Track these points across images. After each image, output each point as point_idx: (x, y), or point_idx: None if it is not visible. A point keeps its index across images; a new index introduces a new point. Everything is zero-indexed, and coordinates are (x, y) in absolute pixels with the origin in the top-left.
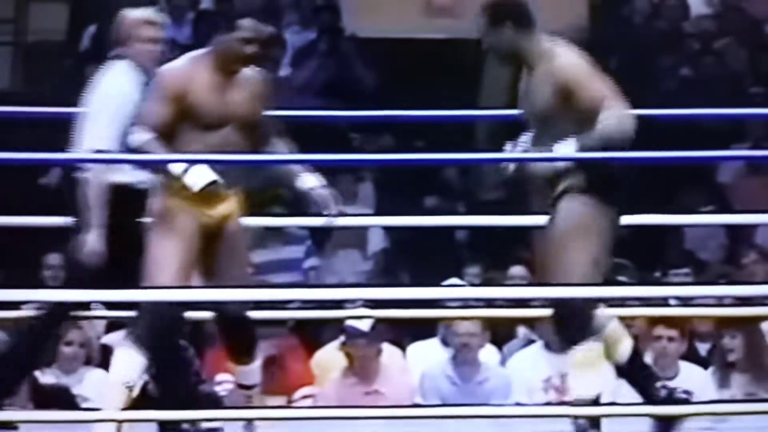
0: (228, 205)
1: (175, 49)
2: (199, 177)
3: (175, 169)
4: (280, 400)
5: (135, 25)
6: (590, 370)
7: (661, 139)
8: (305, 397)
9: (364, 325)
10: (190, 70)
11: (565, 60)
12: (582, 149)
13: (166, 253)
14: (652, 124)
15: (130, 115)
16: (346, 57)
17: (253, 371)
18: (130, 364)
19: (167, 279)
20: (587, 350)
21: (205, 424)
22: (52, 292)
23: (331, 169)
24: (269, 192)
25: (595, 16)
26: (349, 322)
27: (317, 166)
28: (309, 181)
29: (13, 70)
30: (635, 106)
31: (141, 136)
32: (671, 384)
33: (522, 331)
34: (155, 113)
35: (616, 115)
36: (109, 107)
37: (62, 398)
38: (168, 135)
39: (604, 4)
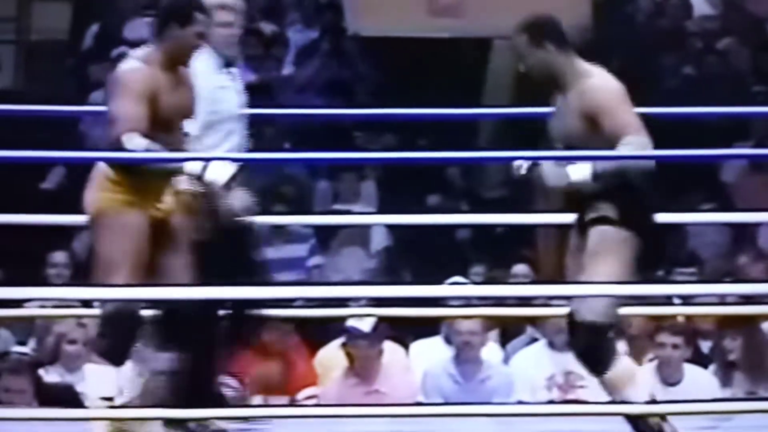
0: (171, 199)
1: None
2: (220, 171)
3: (194, 167)
4: (284, 400)
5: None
6: (627, 385)
7: (664, 138)
8: (309, 397)
9: (366, 326)
10: (149, 67)
11: (596, 84)
12: (595, 174)
13: (121, 250)
14: (655, 123)
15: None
16: (348, 56)
17: None
18: (104, 378)
19: (123, 277)
20: (616, 372)
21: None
22: (56, 290)
23: (334, 168)
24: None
25: (598, 15)
26: (350, 323)
27: (320, 164)
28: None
29: (15, 68)
30: (638, 105)
31: (139, 141)
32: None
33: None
34: (136, 114)
35: (636, 145)
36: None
37: (66, 396)
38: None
39: (608, 4)
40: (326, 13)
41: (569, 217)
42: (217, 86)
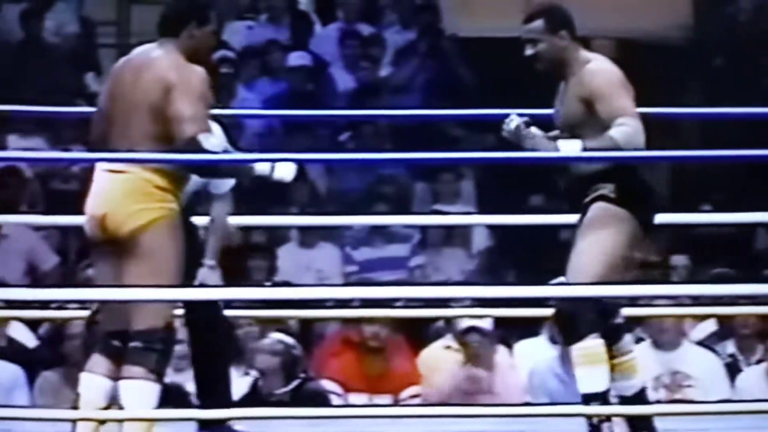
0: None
1: (276, 50)
2: (287, 170)
3: (262, 167)
4: (387, 399)
5: None
6: (597, 366)
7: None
8: (413, 396)
9: (486, 324)
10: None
11: (593, 69)
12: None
13: (177, 261)
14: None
15: None
16: (446, 57)
17: None
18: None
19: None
20: (591, 346)
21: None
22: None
23: (433, 168)
24: None
25: (699, 15)
26: (469, 322)
27: (420, 165)
28: None
29: None
30: (739, 104)
31: (216, 142)
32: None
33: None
34: (205, 114)
35: (626, 131)
36: None
37: (176, 396)
38: None
39: (709, 3)
40: (424, 14)
41: (670, 218)
42: None
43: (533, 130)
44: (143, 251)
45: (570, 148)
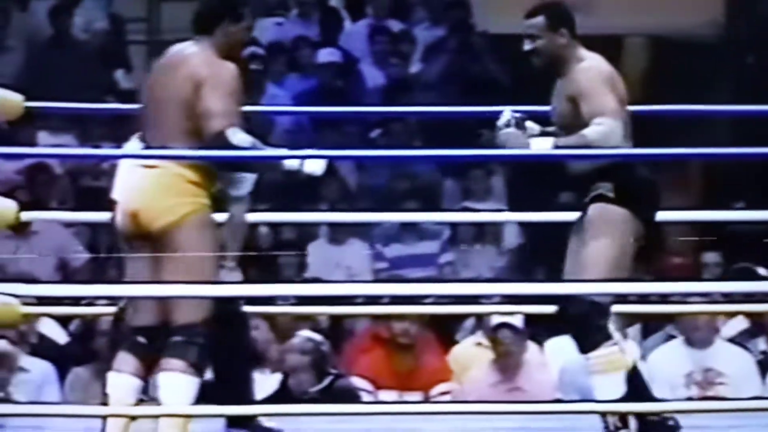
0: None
1: (306, 46)
2: (317, 165)
3: (292, 162)
4: (417, 396)
5: None
6: (615, 373)
7: None
8: (443, 393)
9: (517, 322)
10: None
11: (581, 68)
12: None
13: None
14: None
15: None
16: (477, 53)
17: None
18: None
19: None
20: (609, 353)
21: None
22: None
23: (463, 165)
24: None
25: (731, 13)
26: (500, 319)
27: (450, 161)
28: None
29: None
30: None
31: (244, 136)
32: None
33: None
34: (235, 109)
35: (600, 130)
36: None
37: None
38: None
39: (741, 1)
40: (454, 10)
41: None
42: None
43: (528, 124)
44: (176, 246)
45: (541, 145)
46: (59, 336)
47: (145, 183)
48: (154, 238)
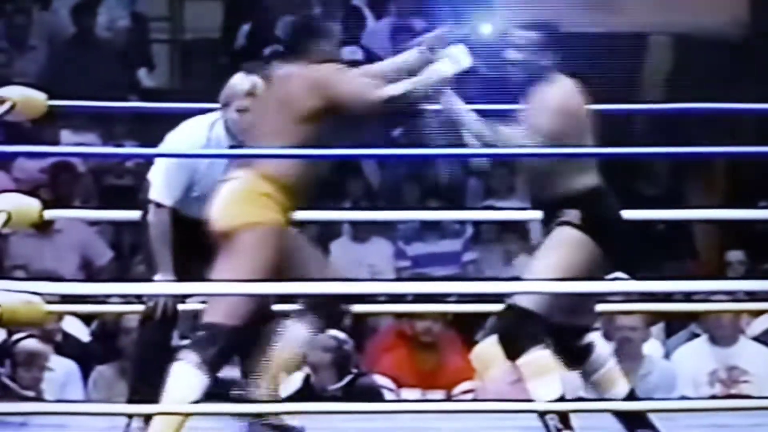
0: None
1: None
2: (460, 56)
3: (445, 68)
4: (439, 395)
5: (234, 94)
6: (546, 376)
7: None
8: (466, 392)
9: None
10: None
11: None
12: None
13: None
14: None
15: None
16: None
17: None
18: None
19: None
20: (537, 358)
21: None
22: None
23: (487, 163)
24: None
25: (756, 11)
26: None
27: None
28: None
29: (170, 67)
30: None
31: (394, 85)
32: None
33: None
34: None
35: (506, 130)
36: (170, 163)
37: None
38: None
39: None
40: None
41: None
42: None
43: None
44: (230, 250)
45: (441, 68)
46: (83, 334)
47: (223, 193)
48: (218, 240)
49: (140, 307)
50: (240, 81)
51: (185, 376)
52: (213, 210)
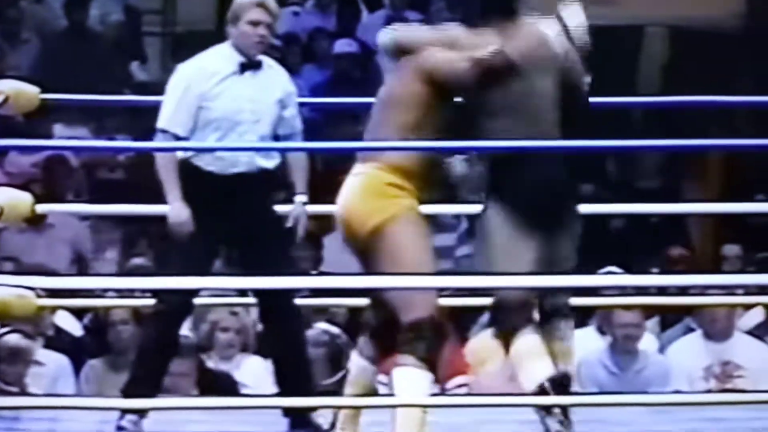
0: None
1: (322, 37)
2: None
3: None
4: (434, 389)
5: (244, 7)
6: (536, 358)
7: None
8: (460, 386)
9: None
10: None
11: None
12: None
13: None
14: None
15: (207, 95)
16: None
17: None
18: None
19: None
20: (529, 338)
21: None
22: (160, 280)
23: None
24: None
25: (753, 3)
26: None
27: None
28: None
29: (162, 61)
30: None
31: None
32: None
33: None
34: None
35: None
36: (178, 89)
37: (225, 384)
38: None
39: None
40: (473, 1)
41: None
42: (214, 84)
43: None
44: (382, 250)
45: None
46: (75, 328)
47: (349, 190)
48: (363, 243)
49: (136, 302)
50: None
51: (411, 380)
52: (341, 211)
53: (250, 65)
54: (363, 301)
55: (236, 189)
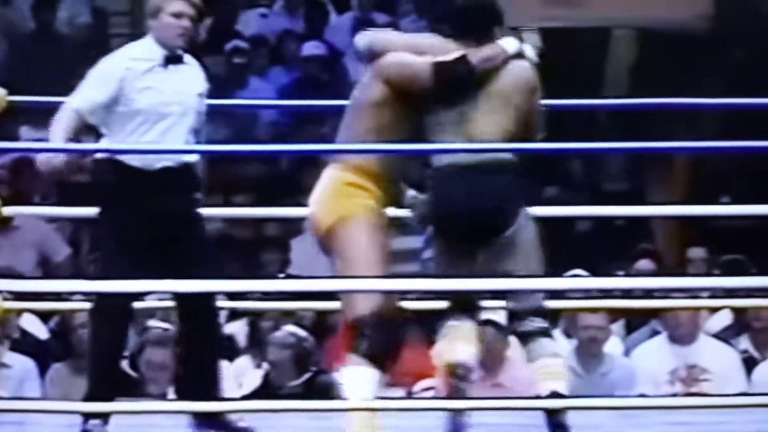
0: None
1: (291, 39)
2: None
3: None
4: (400, 392)
5: None
6: (461, 341)
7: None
8: (426, 389)
9: (501, 318)
10: None
11: None
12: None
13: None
14: None
15: (132, 87)
16: None
17: None
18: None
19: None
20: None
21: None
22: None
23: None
24: None
25: (720, 5)
26: (486, 315)
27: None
28: None
29: None
30: (761, 96)
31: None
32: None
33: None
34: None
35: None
36: (97, 73)
37: None
38: None
39: None
40: (440, 3)
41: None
42: (139, 76)
43: None
44: (336, 249)
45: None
46: (40, 331)
47: (315, 192)
48: (324, 243)
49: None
50: None
51: (357, 376)
52: (309, 211)
53: (173, 59)
54: (330, 305)
55: (162, 183)
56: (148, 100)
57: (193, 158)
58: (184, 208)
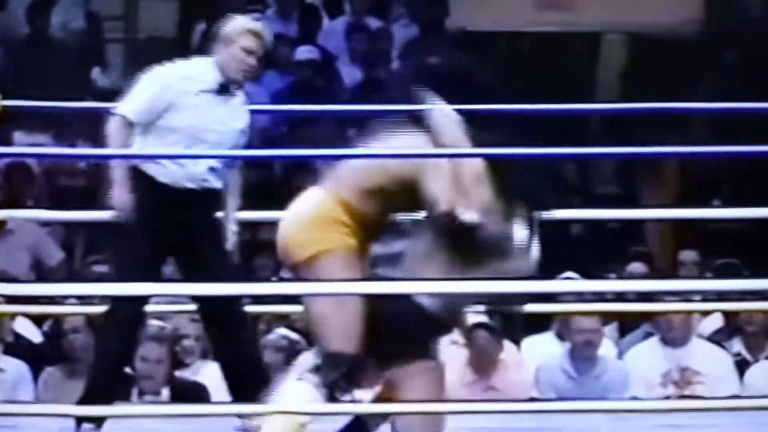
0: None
1: (284, 44)
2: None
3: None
4: None
5: (240, 32)
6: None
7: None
8: None
9: (493, 321)
10: None
11: None
12: None
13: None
14: None
15: (179, 103)
16: (454, 51)
17: None
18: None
19: (351, 330)
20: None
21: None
22: (115, 286)
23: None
24: None
25: (709, 9)
26: (478, 318)
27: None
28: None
29: (123, 67)
30: (751, 100)
31: None
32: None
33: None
34: None
35: None
36: (153, 87)
37: (193, 391)
38: None
39: None
40: (432, 7)
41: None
42: (191, 95)
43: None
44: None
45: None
46: (34, 335)
47: (295, 214)
48: (295, 269)
49: (96, 309)
50: (248, 21)
51: (301, 391)
52: (282, 230)
53: (227, 89)
54: None
55: (188, 202)
56: (189, 121)
57: (218, 184)
58: (205, 225)
